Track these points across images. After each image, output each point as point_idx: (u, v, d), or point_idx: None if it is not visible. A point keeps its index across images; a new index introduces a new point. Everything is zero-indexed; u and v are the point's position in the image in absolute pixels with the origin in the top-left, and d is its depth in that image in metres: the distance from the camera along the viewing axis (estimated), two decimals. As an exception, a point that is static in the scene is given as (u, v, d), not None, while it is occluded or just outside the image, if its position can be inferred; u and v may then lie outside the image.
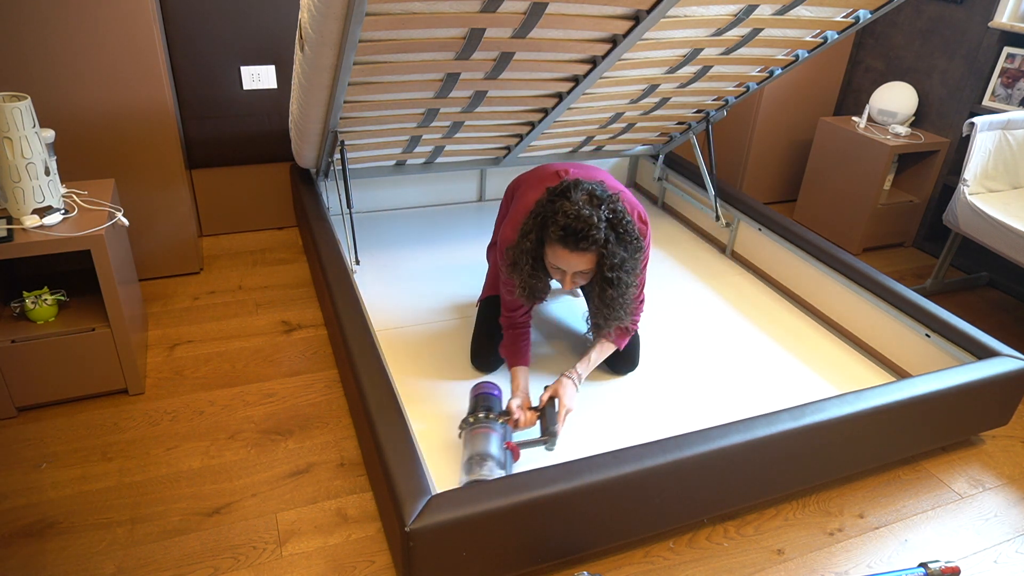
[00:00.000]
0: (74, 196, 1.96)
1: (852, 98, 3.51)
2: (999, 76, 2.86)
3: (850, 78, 3.50)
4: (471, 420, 1.68)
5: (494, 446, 1.60)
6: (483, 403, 1.73)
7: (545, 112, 2.40)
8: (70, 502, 1.66)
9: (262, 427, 1.93)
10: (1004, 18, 2.81)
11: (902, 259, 3.19)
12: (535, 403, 1.78)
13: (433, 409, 1.92)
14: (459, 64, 1.91)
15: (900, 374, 2.22)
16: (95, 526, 1.60)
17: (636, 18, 1.81)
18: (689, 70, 2.31)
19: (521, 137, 2.64)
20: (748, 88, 2.61)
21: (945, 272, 2.83)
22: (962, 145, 3.02)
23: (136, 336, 2.03)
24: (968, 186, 2.53)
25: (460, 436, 1.73)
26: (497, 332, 1.98)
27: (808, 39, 2.25)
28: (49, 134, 1.86)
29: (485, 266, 2.64)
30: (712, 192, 2.89)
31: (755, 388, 2.09)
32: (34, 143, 1.72)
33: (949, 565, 1.53)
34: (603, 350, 1.92)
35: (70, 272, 2.16)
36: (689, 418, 1.94)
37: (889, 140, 2.99)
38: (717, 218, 2.91)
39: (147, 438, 1.87)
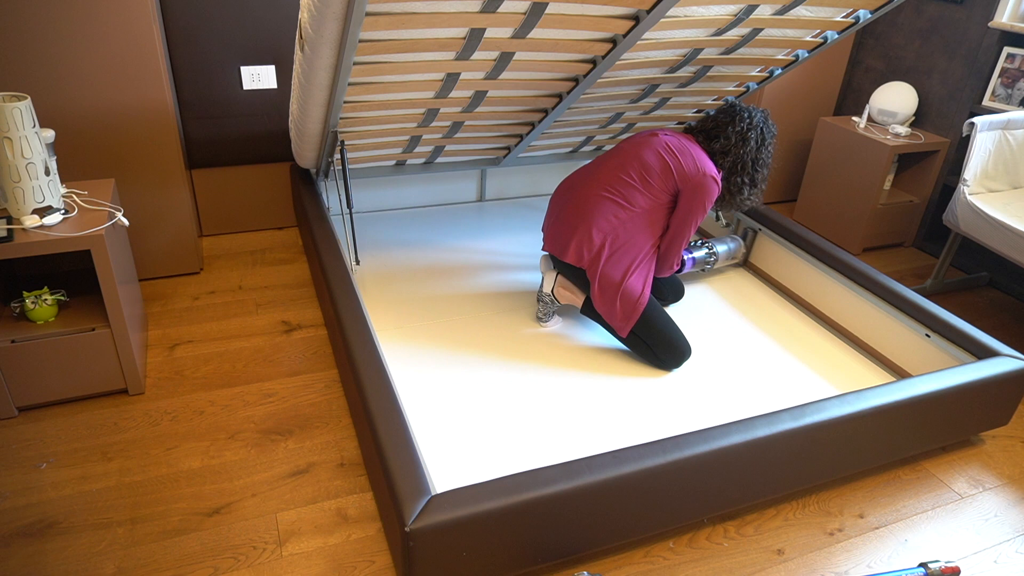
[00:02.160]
0: (74, 196, 1.96)
1: (852, 98, 3.51)
2: (999, 76, 2.86)
3: (850, 78, 3.50)
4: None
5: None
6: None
7: (545, 112, 2.40)
8: (70, 502, 1.66)
9: (262, 427, 1.93)
10: (1004, 18, 2.81)
11: (902, 259, 3.19)
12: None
13: (433, 409, 1.92)
14: (459, 64, 1.91)
15: (900, 374, 2.22)
16: (95, 526, 1.60)
17: (636, 18, 1.81)
18: (689, 70, 2.31)
19: (521, 137, 2.64)
20: (748, 88, 2.62)
21: (945, 272, 2.83)
22: (962, 145, 3.02)
23: (136, 336, 2.04)
24: (968, 186, 2.53)
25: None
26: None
27: (808, 39, 2.25)
28: (49, 134, 1.86)
29: (485, 265, 2.65)
30: (712, 192, 2.89)
31: (755, 388, 2.09)
32: (34, 143, 1.72)
33: (949, 565, 1.53)
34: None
35: (70, 272, 2.16)
36: (689, 418, 1.94)
37: (889, 140, 2.99)
38: (717, 218, 2.91)
39: (147, 438, 1.87)
